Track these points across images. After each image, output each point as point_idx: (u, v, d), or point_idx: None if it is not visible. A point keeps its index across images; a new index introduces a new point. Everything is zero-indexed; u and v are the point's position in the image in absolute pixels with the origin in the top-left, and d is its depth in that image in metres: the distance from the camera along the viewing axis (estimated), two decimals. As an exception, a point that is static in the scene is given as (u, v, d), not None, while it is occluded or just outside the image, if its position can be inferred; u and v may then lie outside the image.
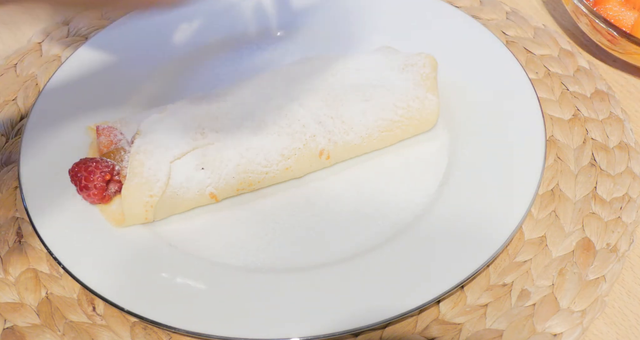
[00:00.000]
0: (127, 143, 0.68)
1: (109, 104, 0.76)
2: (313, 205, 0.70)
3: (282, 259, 0.66)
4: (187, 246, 0.66)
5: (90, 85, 0.77)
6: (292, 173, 0.70)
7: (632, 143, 0.75)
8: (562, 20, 0.90)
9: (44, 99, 0.75)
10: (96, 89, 0.77)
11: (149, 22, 0.83)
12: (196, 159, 0.66)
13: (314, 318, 0.60)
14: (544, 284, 0.65)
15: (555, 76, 0.81)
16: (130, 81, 0.78)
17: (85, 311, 0.64)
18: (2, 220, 0.70)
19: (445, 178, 0.70)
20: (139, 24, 0.83)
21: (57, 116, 0.73)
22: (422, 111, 0.71)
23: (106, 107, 0.75)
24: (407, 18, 0.83)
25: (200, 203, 0.68)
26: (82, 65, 0.78)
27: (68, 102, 0.75)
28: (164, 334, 0.63)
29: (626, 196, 0.71)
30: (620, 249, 0.67)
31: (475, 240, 0.64)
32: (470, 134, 0.73)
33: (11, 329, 0.63)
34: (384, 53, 0.75)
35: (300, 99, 0.70)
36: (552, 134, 0.76)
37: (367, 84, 0.71)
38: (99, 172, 0.64)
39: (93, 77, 0.78)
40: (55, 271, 0.67)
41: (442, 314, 0.64)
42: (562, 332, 0.62)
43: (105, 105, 0.75)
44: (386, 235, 0.67)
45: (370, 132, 0.70)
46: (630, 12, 0.79)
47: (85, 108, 0.75)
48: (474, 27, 0.81)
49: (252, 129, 0.68)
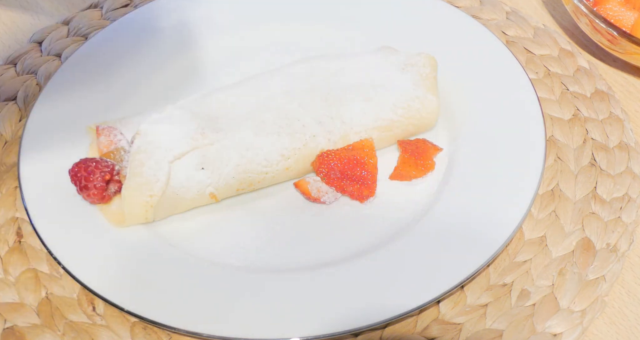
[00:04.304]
0: (127, 143, 0.68)
1: (109, 104, 0.76)
2: (313, 205, 0.70)
3: (282, 259, 0.66)
4: (187, 246, 0.66)
5: (90, 85, 0.77)
6: (292, 173, 0.70)
7: (632, 143, 0.75)
8: (562, 20, 0.90)
9: (44, 99, 0.75)
10: (96, 89, 0.77)
11: (149, 22, 0.83)
12: (196, 159, 0.66)
13: (314, 318, 0.60)
14: (544, 284, 0.65)
15: (555, 76, 0.81)
16: (130, 81, 0.78)
17: (85, 311, 0.64)
18: (2, 220, 0.70)
19: (446, 178, 0.70)
20: (139, 24, 0.83)
21: (57, 116, 0.73)
22: (422, 111, 0.72)
23: (106, 107, 0.75)
24: (407, 18, 0.83)
25: (200, 203, 0.68)
26: (82, 65, 0.78)
27: (68, 102, 0.75)
28: (164, 334, 0.63)
29: (626, 196, 0.71)
30: (620, 249, 0.67)
31: (475, 240, 0.64)
32: (470, 134, 0.73)
33: (11, 329, 0.63)
34: (384, 53, 0.75)
35: (300, 99, 0.70)
36: (552, 134, 0.76)
37: (367, 84, 0.71)
38: (99, 172, 0.64)
39: (93, 77, 0.78)
40: (55, 271, 0.67)
41: (442, 314, 0.64)
42: (562, 332, 0.62)
43: (105, 105, 0.76)
44: (386, 235, 0.67)
45: (370, 132, 0.70)
46: (630, 12, 0.79)
47: (85, 108, 0.75)
48: (474, 27, 0.81)
49: (252, 129, 0.68)
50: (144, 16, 0.83)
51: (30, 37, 0.88)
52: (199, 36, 0.83)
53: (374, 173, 0.69)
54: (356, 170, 0.68)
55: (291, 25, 0.84)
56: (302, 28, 0.84)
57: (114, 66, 0.79)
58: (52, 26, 0.89)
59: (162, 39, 0.82)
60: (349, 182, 0.68)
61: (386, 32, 0.82)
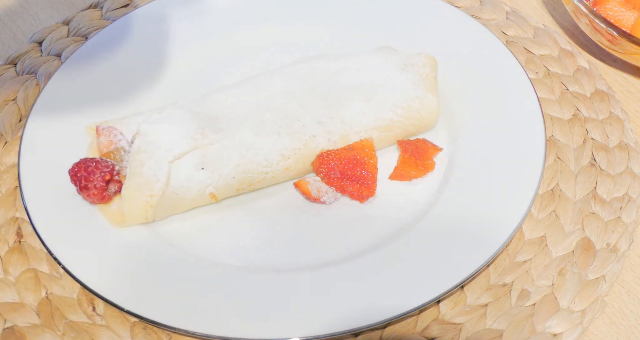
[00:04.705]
0: (127, 143, 0.68)
1: (109, 104, 0.76)
2: (313, 205, 0.70)
3: (282, 259, 0.66)
4: (187, 246, 0.66)
5: (90, 85, 0.77)
6: (292, 173, 0.70)
7: (632, 143, 0.75)
8: (562, 20, 0.90)
9: (44, 99, 0.75)
10: (96, 89, 0.77)
11: (149, 22, 0.83)
12: (196, 159, 0.66)
13: (314, 318, 0.60)
14: (544, 284, 0.65)
15: (555, 76, 0.81)
16: (130, 81, 0.78)
17: (85, 311, 0.64)
18: (2, 220, 0.70)
19: (446, 178, 0.70)
20: (139, 24, 0.83)
21: (57, 116, 0.73)
22: (422, 111, 0.72)
23: (106, 107, 0.75)
24: (407, 18, 0.83)
25: (200, 203, 0.68)
26: (82, 65, 0.78)
27: (68, 102, 0.75)
28: (164, 334, 0.63)
29: (626, 196, 0.71)
30: (620, 249, 0.67)
31: (475, 240, 0.64)
32: (470, 134, 0.73)
33: (11, 329, 0.63)
34: (384, 53, 0.75)
35: (300, 98, 0.70)
36: (552, 134, 0.76)
37: (367, 84, 0.71)
38: (99, 172, 0.64)
39: (93, 76, 0.78)
40: (55, 271, 0.67)
41: (442, 314, 0.64)
42: (562, 332, 0.62)
43: (105, 105, 0.76)
44: (386, 235, 0.67)
45: (370, 132, 0.70)
46: (630, 12, 0.79)
47: (85, 108, 0.75)
48: (474, 27, 0.81)
49: (252, 129, 0.68)
50: (144, 16, 0.83)
51: (30, 37, 0.88)
52: (199, 36, 0.83)
53: (374, 173, 0.69)
54: (356, 170, 0.68)
55: (291, 25, 0.84)
56: (302, 28, 0.84)
57: (114, 66, 0.79)
58: (52, 26, 0.89)
59: (162, 38, 0.82)
60: (349, 182, 0.68)
61: (386, 32, 0.82)
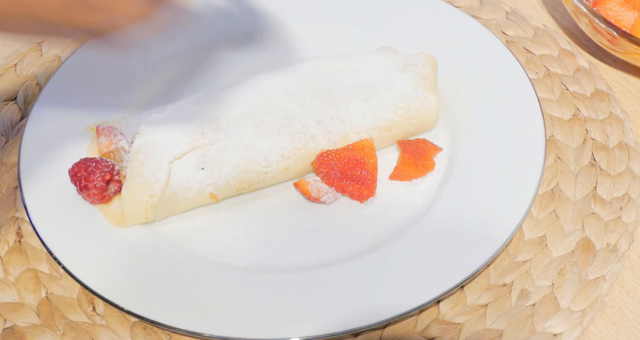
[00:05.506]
0: (127, 143, 0.68)
1: (109, 104, 0.76)
2: (313, 205, 0.70)
3: (282, 259, 0.66)
4: (187, 246, 0.66)
5: (90, 85, 0.77)
6: (292, 173, 0.70)
7: (632, 143, 0.75)
8: (562, 20, 0.90)
9: (44, 99, 0.75)
10: (96, 89, 0.77)
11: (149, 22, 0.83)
12: (196, 159, 0.66)
13: (314, 318, 0.60)
14: (544, 283, 0.65)
15: (555, 76, 0.81)
16: (130, 81, 0.78)
17: (85, 311, 0.64)
18: (2, 220, 0.70)
19: (446, 178, 0.70)
20: (139, 24, 0.83)
21: (57, 116, 0.73)
22: (422, 111, 0.72)
23: (106, 107, 0.75)
24: (407, 18, 0.83)
25: (200, 203, 0.68)
26: (82, 65, 0.78)
27: (68, 102, 0.75)
28: (164, 334, 0.63)
29: (626, 196, 0.71)
30: (620, 249, 0.67)
31: (475, 240, 0.64)
32: (470, 134, 0.73)
33: (11, 329, 0.63)
34: (384, 53, 0.75)
35: (300, 99, 0.70)
36: (552, 134, 0.76)
37: (367, 84, 0.71)
38: (99, 172, 0.64)
39: (93, 77, 0.77)
40: (55, 271, 0.67)
41: (442, 314, 0.64)
42: (562, 332, 0.62)
43: (105, 105, 0.75)
44: (386, 235, 0.67)
45: (370, 132, 0.70)
46: (630, 12, 0.79)
47: (85, 108, 0.75)
48: (474, 27, 0.81)
49: (252, 129, 0.68)
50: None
51: (30, 37, 0.87)
52: (199, 36, 0.83)
53: (374, 173, 0.69)
54: (356, 170, 0.68)
55: (291, 25, 0.84)
56: (302, 28, 0.84)
57: (114, 66, 0.79)
58: (52, 26, 0.89)
59: (162, 38, 0.82)
60: (349, 182, 0.68)
61: (386, 32, 0.82)
